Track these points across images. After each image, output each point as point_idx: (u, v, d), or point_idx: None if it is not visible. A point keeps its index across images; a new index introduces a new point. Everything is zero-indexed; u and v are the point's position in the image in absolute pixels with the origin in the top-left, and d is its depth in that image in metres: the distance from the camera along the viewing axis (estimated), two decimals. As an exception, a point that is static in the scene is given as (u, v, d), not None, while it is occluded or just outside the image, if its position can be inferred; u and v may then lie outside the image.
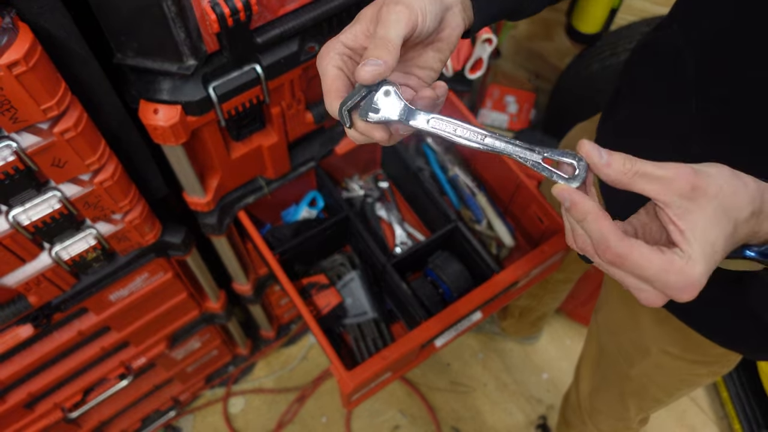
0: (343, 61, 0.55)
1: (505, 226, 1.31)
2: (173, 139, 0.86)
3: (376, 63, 0.50)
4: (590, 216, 0.46)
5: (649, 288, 0.47)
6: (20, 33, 0.64)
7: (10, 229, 0.82)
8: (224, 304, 1.42)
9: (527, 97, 2.04)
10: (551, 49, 2.00)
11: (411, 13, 0.52)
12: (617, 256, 0.46)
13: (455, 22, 0.57)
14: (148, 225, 1.00)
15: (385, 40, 0.51)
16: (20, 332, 1.01)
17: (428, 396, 1.88)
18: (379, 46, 0.51)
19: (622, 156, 0.47)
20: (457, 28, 0.58)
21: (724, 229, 0.47)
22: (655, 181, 0.46)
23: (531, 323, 1.82)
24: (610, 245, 0.46)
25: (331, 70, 0.54)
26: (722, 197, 0.46)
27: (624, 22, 1.76)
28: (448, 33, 0.57)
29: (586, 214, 0.46)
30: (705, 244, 0.46)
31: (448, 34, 0.57)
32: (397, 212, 1.40)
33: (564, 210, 0.49)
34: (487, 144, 0.52)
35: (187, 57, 0.81)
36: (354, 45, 0.55)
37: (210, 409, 1.84)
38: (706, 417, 1.88)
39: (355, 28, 0.55)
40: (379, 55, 0.50)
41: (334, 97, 0.54)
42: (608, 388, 1.14)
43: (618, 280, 0.49)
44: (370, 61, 0.51)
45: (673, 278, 0.45)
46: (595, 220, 0.46)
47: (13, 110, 0.67)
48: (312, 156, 1.19)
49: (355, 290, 1.24)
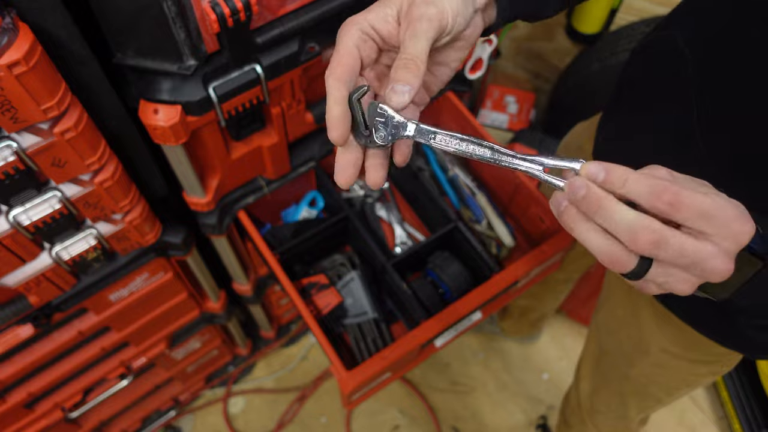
0: (362, 40, 0.53)
1: (505, 226, 1.31)
2: (173, 139, 0.86)
3: (404, 90, 0.49)
4: (631, 175, 0.43)
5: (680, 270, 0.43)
6: (20, 33, 0.64)
7: (10, 229, 0.83)
8: (224, 304, 1.42)
9: (527, 97, 2.04)
10: (551, 49, 2.00)
11: (442, 16, 0.50)
12: (675, 195, 0.41)
13: (477, 22, 0.57)
14: (148, 225, 1.00)
15: (413, 59, 0.49)
16: (20, 332, 1.01)
17: (428, 396, 1.88)
18: (409, 68, 0.49)
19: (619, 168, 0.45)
20: (478, 27, 0.57)
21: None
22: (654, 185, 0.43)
23: (531, 323, 1.82)
24: (668, 186, 0.42)
25: (349, 45, 0.52)
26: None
27: (624, 22, 1.76)
28: (470, 32, 0.56)
29: (627, 173, 0.43)
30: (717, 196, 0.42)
31: (470, 33, 0.56)
32: (397, 212, 1.40)
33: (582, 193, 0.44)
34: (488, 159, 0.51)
35: (187, 57, 0.81)
36: (380, 28, 0.53)
37: (210, 409, 1.84)
38: (705, 417, 1.88)
39: (385, 11, 0.53)
40: (408, 80, 0.49)
41: (340, 73, 0.51)
42: (608, 388, 1.14)
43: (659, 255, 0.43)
44: (399, 87, 0.49)
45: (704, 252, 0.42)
46: (638, 177, 0.43)
47: (13, 110, 0.67)
48: (312, 156, 1.19)
49: (355, 290, 1.24)
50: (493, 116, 2.01)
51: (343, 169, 0.53)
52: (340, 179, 0.53)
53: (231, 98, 0.88)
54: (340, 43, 0.52)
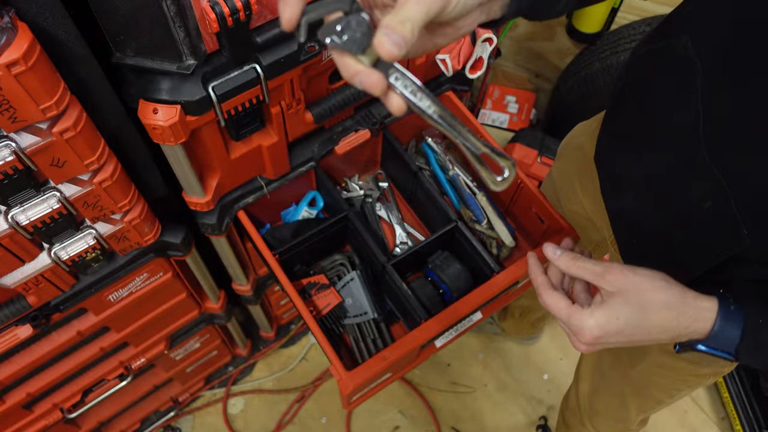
0: None
1: (506, 226, 1.31)
2: (172, 138, 0.86)
3: (398, 42, 0.46)
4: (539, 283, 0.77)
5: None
6: (19, 32, 0.64)
7: (9, 229, 0.82)
8: (224, 305, 1.42)
9: (527, 97, 2.04)
10: (551, 49, 2.00)
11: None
12: (542, 301, 0.74)
13: (475, 16, 0.55)
14: (147, 225, 1.00)
15: (413, 21, 0.47)
16: (19, 332, 1.01)
17: (428, 396, 1.88)
18: (406, 25, 0.46)
19: (568, 255, 0.73)
20: (473, 23, 0.55)
21: (632, 311, 0.66)
22: (591, 273, 0.70)
23: (531, 323, 1.81)
24: (541, 293, 0.75)
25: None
26: (639, 292, 0.66)
27: (624, 21, 1.76)
28: (463, 23, 0.55)
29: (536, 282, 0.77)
30: (610, 312, 0.66)
31: (462, 25, 0.55)
32: (397, 212, 1.40)
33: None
34: (437, 118, 0.50)
35: (187, 56, 0.81)
36: None
37: (209, 409, 1.84)
38: (706, 417, 1.88)
39: None
40: (404, 34, 0.46)
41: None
42: (609, 389, 1.14)
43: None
44: (395, 36, 0.46)
45: (574, 322, 0.69)
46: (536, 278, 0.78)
47: (12, 110, 0.67)
48: (312, 156, 1.19)
49: (355, 290, 1.24)
50: (494, 116, 2.01)
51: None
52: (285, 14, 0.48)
53: (230, 98, 0.88)
54: None
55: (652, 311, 0.65)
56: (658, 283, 0.66)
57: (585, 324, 0.67)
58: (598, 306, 0.67)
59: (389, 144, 1.29)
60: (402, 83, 0.50)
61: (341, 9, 0.47)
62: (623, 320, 0.66)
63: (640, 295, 0.66)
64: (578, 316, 0.68)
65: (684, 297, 0.66)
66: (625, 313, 0.66)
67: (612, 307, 0.66)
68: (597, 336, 0.67)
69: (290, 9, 0.48)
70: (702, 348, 0.66)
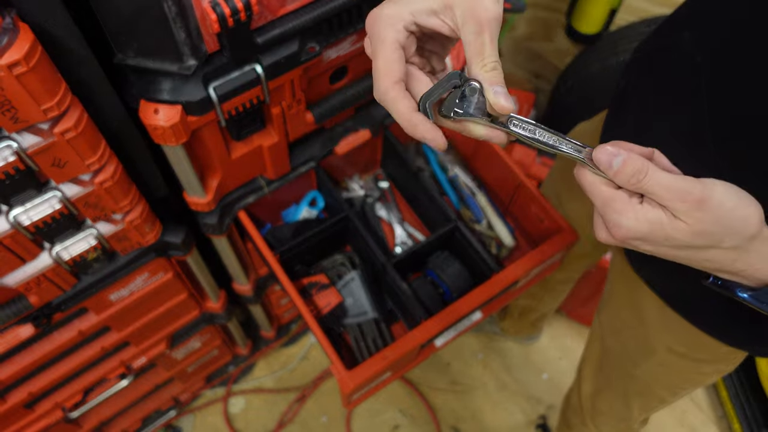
0: (406, 38, 0.50)
1: (505, 226, 1.31)
2: (173, 139, 0.86)
3: (507, 95, 0.50)
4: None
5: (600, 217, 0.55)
6: (21, 33, 0.64)
7: (10, 229, 0.82)
8: (224, 304, 1.42)
9: (527, 97, 2.04)
10: (551, 49, 2.00)
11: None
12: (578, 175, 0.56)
13: None
14: (148, 225, 1.00)
15: (498, 61, 0.52)
16: (20, 332, 1.01)
17: (428, 396, 1.88)
18: (499, 70, 0.51)
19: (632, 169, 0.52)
20: None
21: (692, 234, 0.50)
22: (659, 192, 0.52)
23: (531, 323, 1.82)
24: (577, 171, 0.56)
25: (393, 48, 0.48)
26: (723, 210, 0.50)
27: (624, 22, 1.76)
28: None
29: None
30: (658, 221, 0.51)
31: None
32: (397, 212, 1.40)
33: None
34: (564, 150, 0.54)
35: (188, 57, 0.81)
36: (426, 25, 0.51)
37: (210, 408, 1.84)
38: (705, 417, 1.88)
39: (429, 5, 0.50)
40: (503, 82, 0.51)
41: (390, 83, 0.48)
42: (612, 389, 1.14)
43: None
44: (503, 91, 0.50)
45: (614, 212, 0.52)
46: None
47: (13, 110, 0.67)
48: (312, 156, 1.19)
49: (355, 290, 1.24)
50: (493, 116, 2.01)
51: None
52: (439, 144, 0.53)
53: (231, 98, 0.88)
54: (382, 42, 0.49)
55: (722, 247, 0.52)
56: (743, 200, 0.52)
57: (625, 221, 0.52)
58: (649, 201, 0.52)
59: (389, 144, 1.29)
60: (521, 128, 0.54)
61: (454, 84, 0.52)
62: (673, 236, 0.52)
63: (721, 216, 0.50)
64: (622, 206, 0.52)
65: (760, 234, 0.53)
66: (679, 227, 0.51)
67: (664, 216, 0.52)
68: (640, 235, 0.52)
69: (427, 130, 0.51)
70: (744, 296, 0.56)
